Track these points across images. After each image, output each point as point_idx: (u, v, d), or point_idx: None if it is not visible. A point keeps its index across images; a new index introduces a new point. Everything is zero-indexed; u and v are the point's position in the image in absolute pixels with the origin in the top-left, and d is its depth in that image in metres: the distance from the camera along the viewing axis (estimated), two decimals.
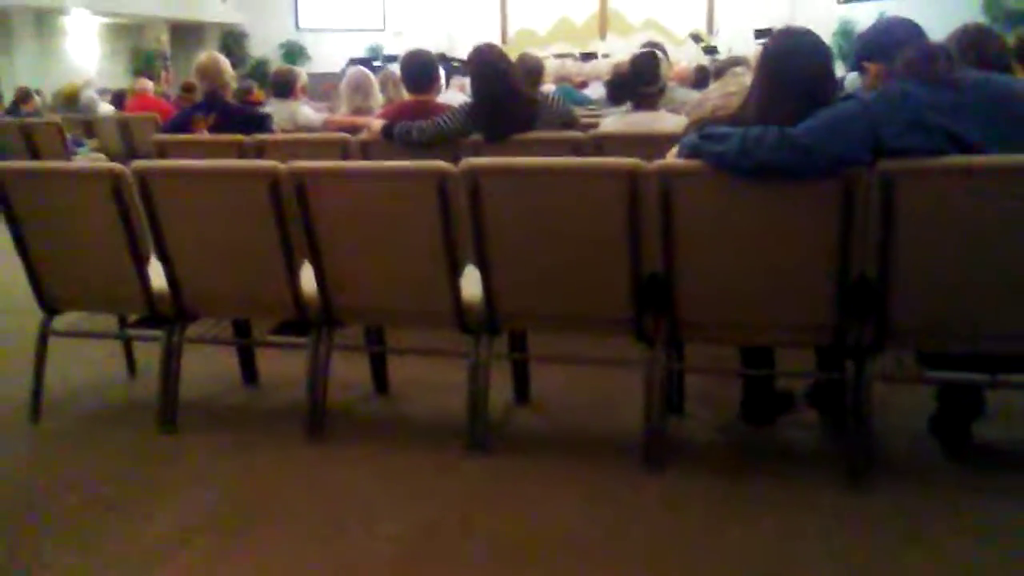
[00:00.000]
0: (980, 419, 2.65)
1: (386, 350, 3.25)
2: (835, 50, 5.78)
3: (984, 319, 2.34)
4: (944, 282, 2.32)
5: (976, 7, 15.35)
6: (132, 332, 3.33)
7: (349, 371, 3.23)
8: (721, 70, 5.23)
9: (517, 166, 2.65)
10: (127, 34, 17.66)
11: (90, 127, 9.01)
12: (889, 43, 2.46)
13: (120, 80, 15.59)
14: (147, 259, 2.92)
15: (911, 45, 2.38)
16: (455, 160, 2.61)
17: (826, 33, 15.09)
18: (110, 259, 2.92)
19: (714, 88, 3.45)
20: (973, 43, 2.95)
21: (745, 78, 3.23)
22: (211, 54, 4.77)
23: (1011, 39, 4.10)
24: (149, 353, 3.23)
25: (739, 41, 15.56)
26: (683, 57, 11.98)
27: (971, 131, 2.22)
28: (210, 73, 4.54)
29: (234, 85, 4.83)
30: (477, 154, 3.53)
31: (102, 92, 13.49)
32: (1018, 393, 2.79)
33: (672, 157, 2.51)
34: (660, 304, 2.54)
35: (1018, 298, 2.29)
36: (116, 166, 2.84)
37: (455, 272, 2.67)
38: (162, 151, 4.34)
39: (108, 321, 3.44)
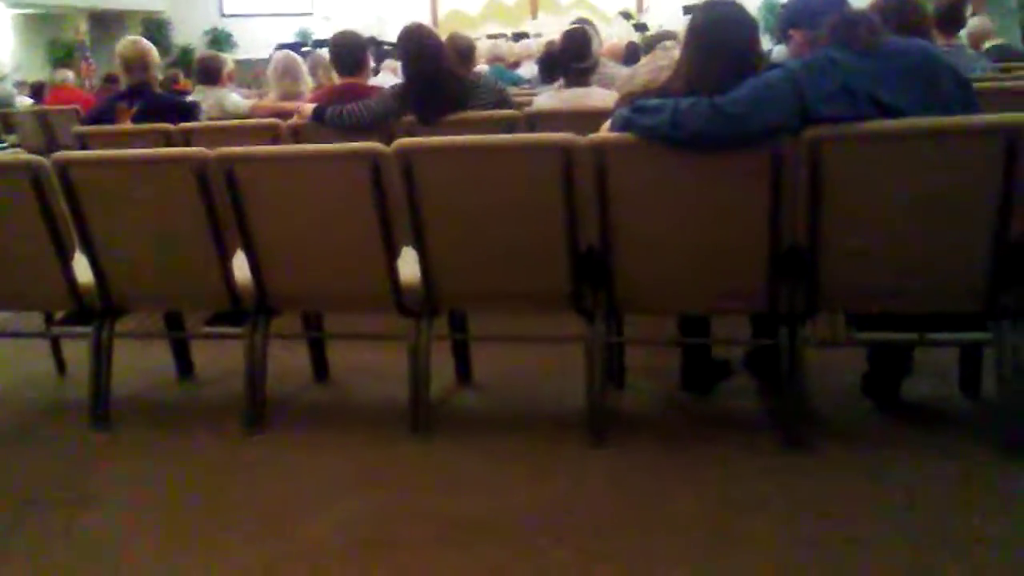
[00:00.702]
0: (910, 377, 2.72)
1: (324, 336, 3.21)
2: (761, 23, 5.86)
3: (910, 280, 2.40)
4: (871, 245, 2.37)
5: None
6: (59, 330, 3.23)
7: (287, 360, 3.19)
8: (651, 45, 5.25)
9: (450, 145, 2.63)
10: (44, 25, 17.03)
11: (7, 121, 8.70)
12: (813, 10, 2.49)
13: (39, 73, 15.04)
14: (72, 254, 2.82)
15: (834, 12, 2.42)
16: (389, 142, 2.57)
17: (751, 7, 15.27)
18: (33, 255, 2.82)
19: (644, 62, 3.46)
20: (894, 10, 3.01)
21: (674, 52, 3.24)
22: (133, 39, 4.60)
23: (930, 7, 4.20)
24: (80, 350, 3.14)
25: (668, 18, 15.66)
26: (613, 34, 12.02)
27: (895, 96, 2.26)
28: (133, 60, 4.39)
29: (159, 73, 4.68)
30: (410, 136, 3.50)
31: (20, 85, 13.05)
32: (944, 350, 2.88)
33: (605, 131, 2.51)
34: (598, 278, 2.55)
35: (942, 258, 2.35)
36: (34, 158, 2.75)
37: (392, 254, 2.64)
38: (83, 143, 4.21)
39: (35, 319, 3.33)
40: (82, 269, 2.84)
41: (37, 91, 10.74)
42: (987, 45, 5.98)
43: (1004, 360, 2.38)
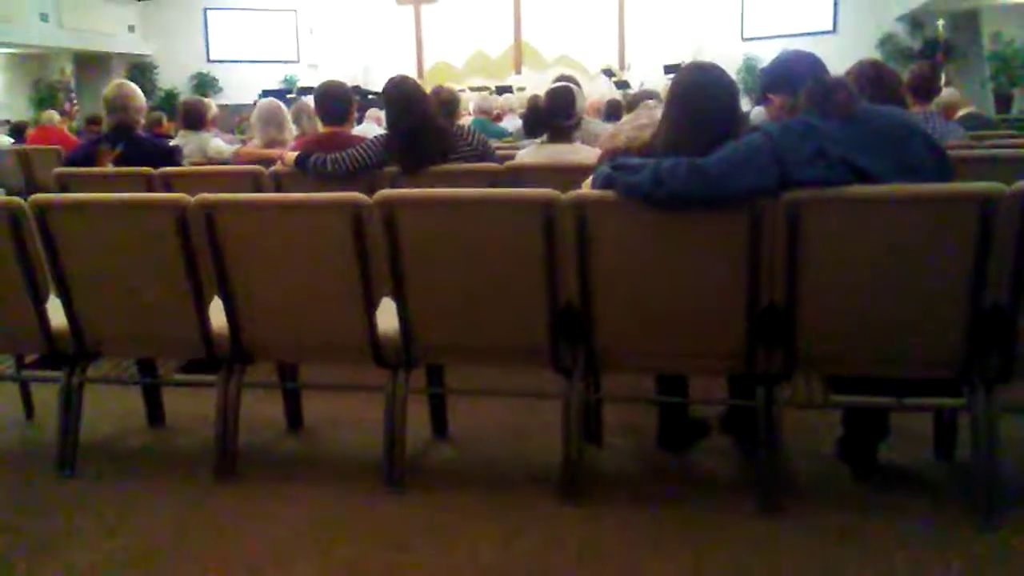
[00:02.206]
0: (885, 441, 2.72)
1: (299, 387, 3.18)
2: (740, 85, 5.98)
3: (886, 344, 2.42)
4: (848, 309, 2.39)
5: (872, 44, 16.10)
6: (30, 373, 3.18)
7: (261, 409, 3.15)
8: (633, 103, 5.34)
9: (433, 197, 2.64)
10: (29, 65, 17.08)
11: None
12: (792, 76, 2.54)
13: (22, 113, 15.05)
14: (46, 296, 2.79)
15: (812, 79, 2.46)
16: (371, 192, 2.58)
17: (731, 69, 15.59)
18: (6, 297, 2.78)
19: (626, 120, 3.50)
20: (870, 78, 3.09)
21: (656, 111, 3.29)
22: (120, 82, 4.61)
23: (905, 75, 4.31)
24: (49, 393, 3.08)
25: (649, 76, 15.96)
26: (595, 91, 12.21)
27: (870, 162, 2.30)
28: (117, 103, 4.39)
29: (143, 117, 4.68)
30: (393, 186, 3.50)
31: (2, 124, 13.02)
32: (920, 415, 2.88)
33: (587, 188, 2.53)
34: (576, 334, 2.55)
35: (918, 324, 2.37)
36: (13, 199, 2.72)
37: (371, 305, 2.63)
38: (63, 185, 4.19)
39: (5, 361, 3.28)
40: (56, 312, 2.80)
41: (19, 131, 10.71)
42: (960, 114, 6.12)
43: (978, 426, 2.39)
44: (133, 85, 4.56)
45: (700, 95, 2.58)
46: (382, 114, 7.17)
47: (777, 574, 2.18)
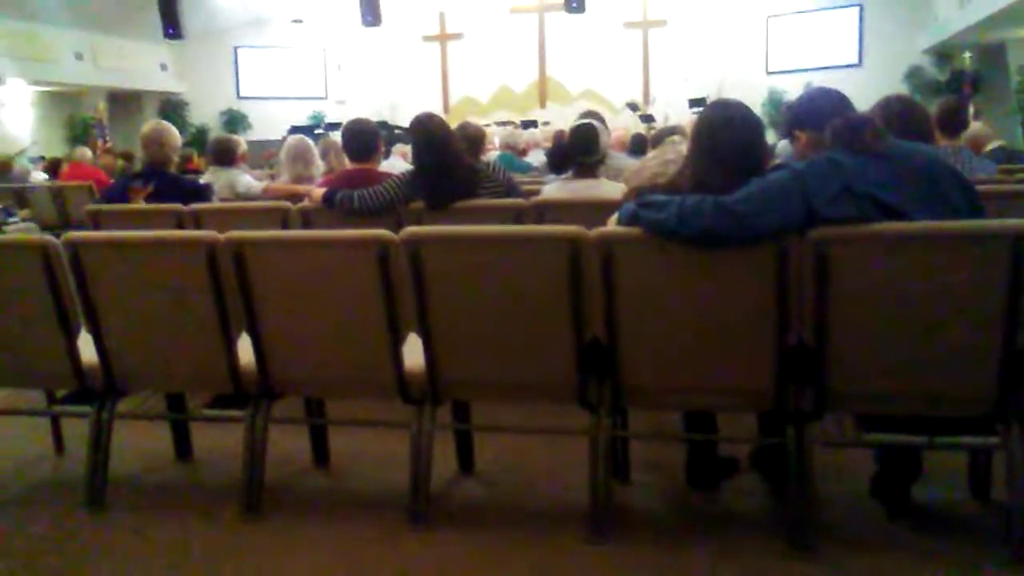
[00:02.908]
0: (919, 480, 2.68)
1: (326, 422, 3.18)
2: (764, 119, 5.97)
3: (918, 382, 2.39)
4: (879, 347, 2.36)
5: (899, 77, 16.07)
6: (60, 408, 3.21)
7: (288, 444, 3.15)
8: (658, 139, 5.35)
9: (459, 234, 2.65)
10: (63, 102, 17.44)
11: (22, 197, 8.82)
12: (819, 113, 2.53)
13: (56, 149, 15.34)
14: (77, 332, 2.83)
15: (839, 115, 2.46)
16: (397, 228, 2.60)
17: (756, 102, 15.62)
18: (39, 333, 2.82)
19: (652, 156, 3.51)
20: (897, 113, 3.07)
21: (681, 146, 3.30)
22: (157, 122, 4.72)
23: (933, 109, 4.28)
24: (79, 428, 3.11)
25: (674, 109, 16.00)
26: (620, 125, 12.26)
27: (898, 199, 2.28)
28: (152, 142, 4.49)
29: (176, 156, 4.77)
30: (419, 222, 3.54)
31: (37, 161, 13.28)
32: (954, 454, 2.83)
33: (612, 224, 2.53)
34: (603, 370, 2.54)
35: (950, 361, 2.34)
36: (46, 238, 2.77)
37: (397, 341, 2.64)
38: (96, 221, 4.26)
39: (35, 396, 3.31)
40: (87, 348, 2.83)
41: (54, 167, 10.92)
42: (989, 147, 6.07)
43: (1013, 464, 2.35)
44: (170, 125, 4.67)
45: (726, 133, 2.58)
46: (408, 149, 7.25)
47: None
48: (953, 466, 2.81)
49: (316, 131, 12.95)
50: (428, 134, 3.99)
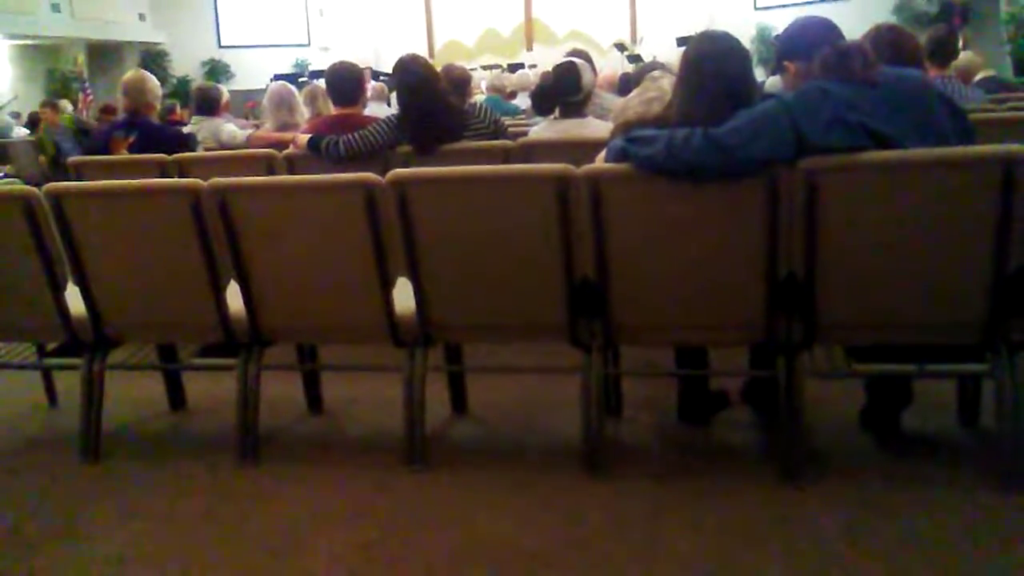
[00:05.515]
0: (908, 409, 2.70)
1: (318, 368, 3.18)
2: (754, 56, 5.86)
3: (909, 311, 2.39)
4: (869, 276, 2.36)
5: (888, 9, 15.85)
6: (51, 361, 3.20)
7: (280, 391, 3.15)
8: (639, 76, 5.27)
9: (445, 175, 2.62)
10: (42, 56, 17.13)
11: (4, 152, 8.71)
12: (808, 42, 2.49)
13: (35, 104, 15.10)
14: (64, 285, 2.80)
15: (828, 44, 2.42)
16: (385, 173, 2.57)
17: (744, 38, 15.35)
18: (25, 286, 2.80)
19: (634, 95, 3.45)
20: (888, 42, 3.03)
21: (663, 82, 3.25)
22: (137, 71, 4.65)
23: (922, 39, 4.23)
24: (71, 381, 3.10)
25: (662, 49, 15.79)
26: (608, 66, 12.10)
27: (889, 127, 2.26)
28: (133, 90, 4.41)
29: (159, 104, 4.69)
30: (407, 166, 3.49)
31: (16, 116, 13.08)
32: (943, 384, 2.86)
33: (600, 162, 2.51)
34: (594, 309, 2.54)
35: (940, 289, 2.34)
36: (27, 188, 2.73)
37: (386, 285, 2.63)
38: (79, 173, 4.20)
39: (26, 350, 3.30)
40: (75, 300, 2.82)
41: (33, 121, 10.76)
42: (977, 78, 6.02)
43: (1003, 392, 2.36)
44: (149, 74, 4.58)
45: (712, 64, 2.54)
46: (383, 88, 7.18)
47: (801, 542, 2.17)
48: (942, 396, 2.83)
49: (300, 79, 12.76)
50: (412, 75, 3.92)
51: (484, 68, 14.79)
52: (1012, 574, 2.03)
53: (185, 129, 5.34)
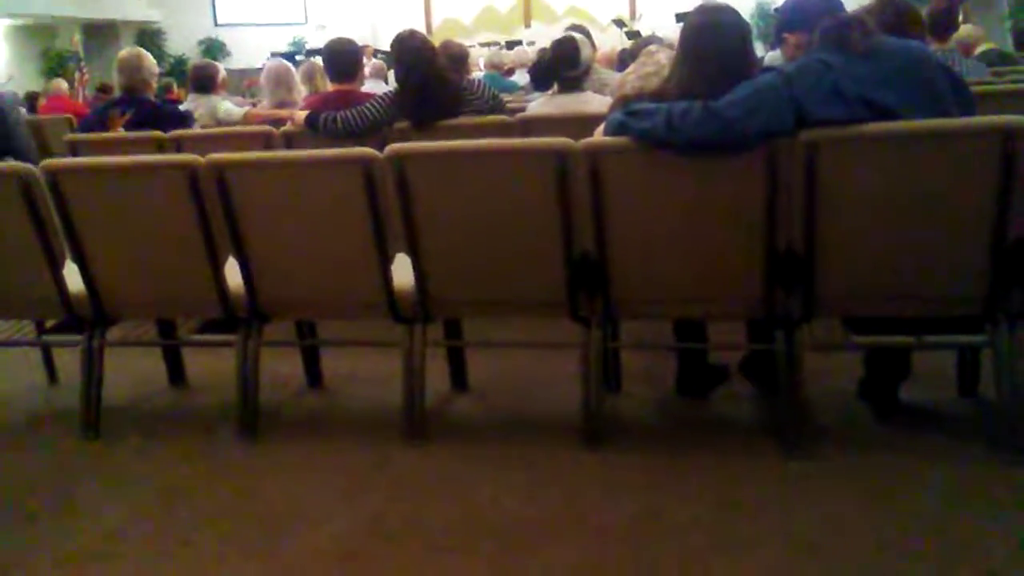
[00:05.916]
0: (907, 381, 2.70)
1: (318, 343, 3.19)
2: (753, 31, 5.81)
3: (908, 283, 2.39)
4: (868, 248, 2.35)
5: None
6: (50, 338, 3.20)
7: (280, 367, 3.16)
8: (636, 52, 5.23)
9: (444, 150, 2.61)
10: (38, 35, 17.01)
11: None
12: (807, 14, 2.48)
13: (32, 83, 15.02)
14: (62, 262, 2.80)
15: (828, 16, 2.41)
16: (382, 149, 2.56)
17: (745, 12, 15.28)
18: (23, 263, 2.79)
19: (631, 70, 3.43)
20: (889, 14, 3.01)
21: (659, 55, 3.23)
22: (133, 48, 4.63)
23: (924, 11, 4.20)
24: (70, 357, 3.11)
25: (661, 25, 15.68)
26: (607, 42, 12.03)
27: (889, 98, 2.25)
28: (128, 68, 4.39)
29: (155, 82, 4.67)
30: (405, 141, 3.48)
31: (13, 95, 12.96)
32: (942, 356, 2.86)
33: (599, 135, 2.50)
34: (593, 283, 2.53)
35: (940, 261, 2.34)
36: (23, 165, 2.73)
37: (385, 260, 2.62)
38: (75, 150, 4.19)
39: (25, 327, 3.31)
40: (73, 277, 2.81)
41: (30, 100, 10.70)
42: (978, 51, 5.99)
43: (1002, 363, 2.37)
44: (145, 52, 4.56)
45: (711, 37, 2.53)
46: (382, 65, 7.14)
47: (800, 513, 2.18)
48: (941, 368, 2.84)
49: (297, 57, 12.68)
50: (410, 51, 3.91)
51: (482, 45, 14.69)
52: (1012, 541, 2.04)
53: (182, 107, 5.31)
